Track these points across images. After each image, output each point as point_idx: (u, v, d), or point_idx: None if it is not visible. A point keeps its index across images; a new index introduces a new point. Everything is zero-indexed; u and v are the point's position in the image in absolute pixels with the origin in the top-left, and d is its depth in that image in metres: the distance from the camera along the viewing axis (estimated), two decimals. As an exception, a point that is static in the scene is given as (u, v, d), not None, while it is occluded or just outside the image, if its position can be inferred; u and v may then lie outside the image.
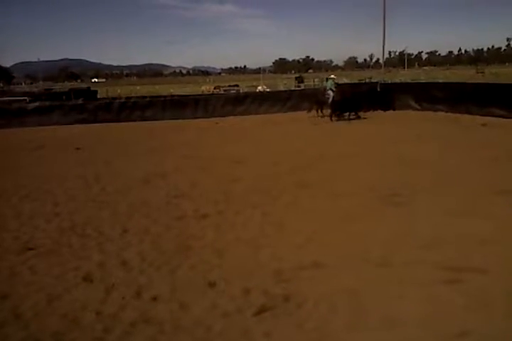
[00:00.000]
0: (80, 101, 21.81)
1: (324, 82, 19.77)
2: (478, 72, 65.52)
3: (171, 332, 3.74)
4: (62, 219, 6.85)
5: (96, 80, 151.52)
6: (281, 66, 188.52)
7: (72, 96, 22.22)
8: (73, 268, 5.06)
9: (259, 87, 32.07)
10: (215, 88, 38.90)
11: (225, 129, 17.74)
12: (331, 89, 19.32)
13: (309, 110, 19.67)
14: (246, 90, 29.92)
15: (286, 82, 35.36)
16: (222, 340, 3.61)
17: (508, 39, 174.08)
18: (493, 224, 5.80)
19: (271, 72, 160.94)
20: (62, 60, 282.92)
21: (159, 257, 5.28)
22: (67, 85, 44.31)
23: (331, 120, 17.87)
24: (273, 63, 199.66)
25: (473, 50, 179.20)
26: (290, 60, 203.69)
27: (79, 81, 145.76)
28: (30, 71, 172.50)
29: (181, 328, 3.79)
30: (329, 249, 5.32)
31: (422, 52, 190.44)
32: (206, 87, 44.43)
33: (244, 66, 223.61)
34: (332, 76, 20.56)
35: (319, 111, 19.35)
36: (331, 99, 18.92)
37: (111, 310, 4.11)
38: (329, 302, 4.07)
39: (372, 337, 3.56)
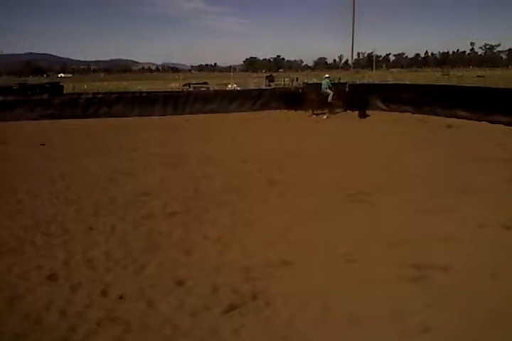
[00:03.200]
0: (45, 97, 21.19)
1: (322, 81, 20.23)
2: (443, 75, 67.10)
3: (137, 331, 3.69)
4: (25, 217, 6.65)
5: (62, 75, 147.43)
6: (252, 65, 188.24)
7: (38, 91, 21.52)
8: (36, 266, 4.92)
9: (230, 85, 31.89)
10: (184, 85, 38.51)
11: (195, 127, 17.61)
12: (329, 88, 19.66)
13: (305, 110, 20.27)
14: (216, 88, 29.69)
15: (256, 81, 35.27)
16: (189, 339, 3.59)
17: (471, 43, 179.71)
18: (456, 222, 5.97)
19: (241, 70, 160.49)
20: (27, 53, 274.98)
21: (126, 255, 5.20)
22: (32, 80, 42.71)
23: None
24: (244, 62, 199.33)
25: (439, 53, 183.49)
26: (261, 59, 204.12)
27: (45, 76, 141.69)
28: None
29: (148, 327, 3.75)
30: (297, 246, 5.36)
31: (389, 54, 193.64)
32: (176, 84, 43.91)
33: (215, 64, 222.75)
34: (327, 75, 20.89)
35: (313, 110, 19.89)
36: (330, 98, 19.40)
37: (76, 309, 4.02)
38: (297, 300, 4.10)
39: (339, 335, 3.61)
